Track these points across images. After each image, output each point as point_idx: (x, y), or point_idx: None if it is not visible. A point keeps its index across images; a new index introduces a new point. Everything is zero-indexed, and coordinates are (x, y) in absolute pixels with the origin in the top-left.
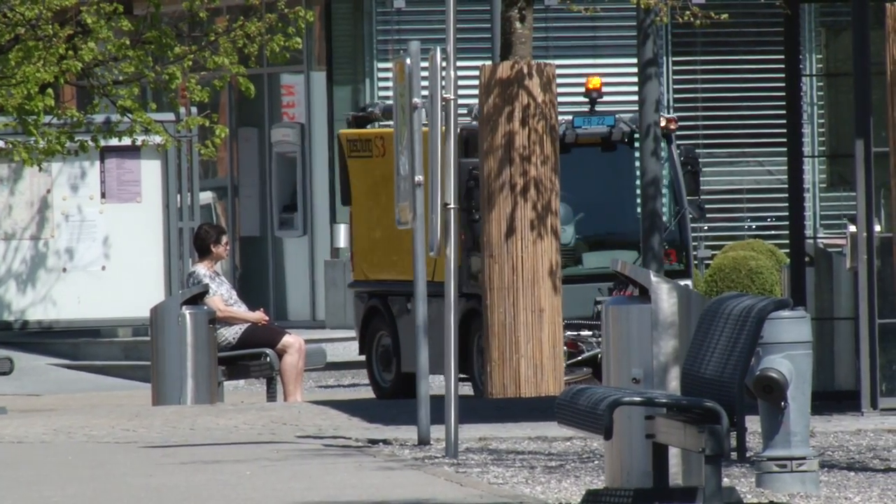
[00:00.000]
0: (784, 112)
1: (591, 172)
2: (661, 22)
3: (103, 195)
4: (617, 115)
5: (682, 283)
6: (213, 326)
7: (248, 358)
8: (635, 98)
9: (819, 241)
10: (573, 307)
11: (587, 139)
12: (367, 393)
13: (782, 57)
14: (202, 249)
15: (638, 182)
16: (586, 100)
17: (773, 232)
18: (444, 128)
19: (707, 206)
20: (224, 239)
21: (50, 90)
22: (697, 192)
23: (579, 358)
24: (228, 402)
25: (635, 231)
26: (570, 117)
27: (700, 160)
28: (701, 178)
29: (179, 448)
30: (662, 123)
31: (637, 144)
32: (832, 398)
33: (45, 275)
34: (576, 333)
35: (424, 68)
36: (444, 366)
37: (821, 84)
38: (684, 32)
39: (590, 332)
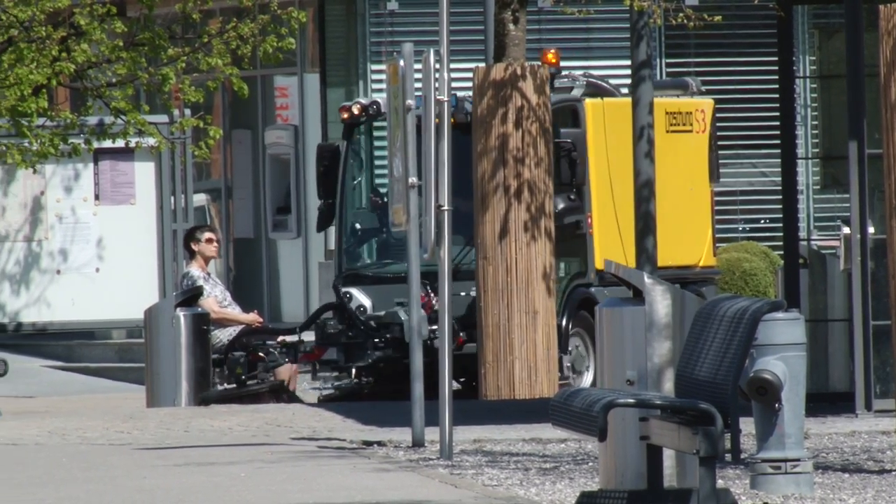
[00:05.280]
0: (778, 114)
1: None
2: (654, 24)
3: (97, 197)
4: (460, 96)
5: None
6: (207, 328)
7: None
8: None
9: (813, 242)
10: (380, 308)
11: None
12: None
13: (776, 59)
14: (188, 250)
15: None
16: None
17: (767, 234)
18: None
19: None
20: (205, 235)
21: (43, 92)
22: (572, 181)
23: (255, 372)
24: (222, 404)
25: None
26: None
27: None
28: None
29: (173, 450)
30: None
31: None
32: (826, 400)
33: (39, 276)
34: (263, 342)
35: (418, 70)
36: (439, 367)
37: (814, 86)
38: (678, 34)
39: (276, 341)
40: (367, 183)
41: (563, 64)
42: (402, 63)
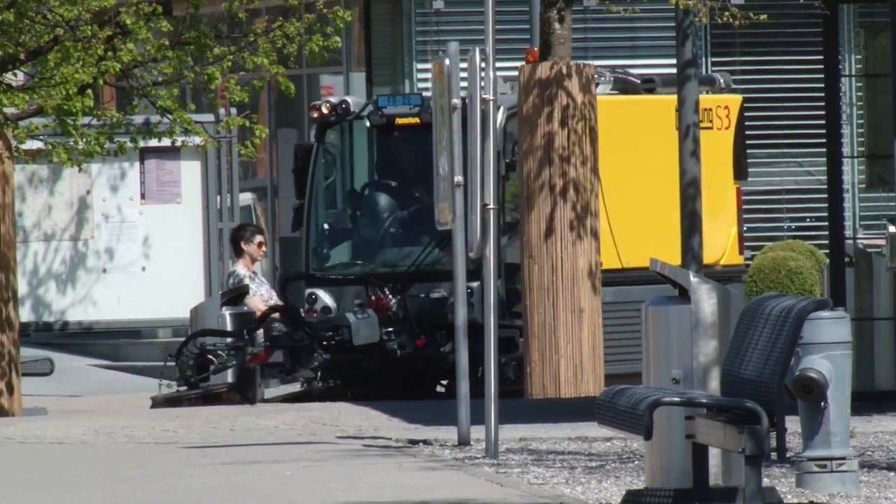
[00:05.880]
0: (823, 112)
1: (402, 158)
2: (700, 23)
3: (143, 196)
4: (424, 95)
5: (472, 285)
6: (252, 327)
7: None
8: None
9: (858, 241)
10: (344, 310)
11: (402, 121)
12: None
13: (821, 58)
14: (236, 248)
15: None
16: None
17: (812, 232)
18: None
19: (745, 207)
20: (257, 238)
21: (89, 91)
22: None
23: (206, 374)
24: (268, 403)
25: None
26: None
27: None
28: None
29: (219, 449)
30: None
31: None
32: (872, 398)
33: (85, 275)
34: (212, 344)
35: (463, 69)
36: (485, 365)
37: (860, 84)
38: (723, 33)
39: (225, 343)
40: (339, 183)
41: (608, 63)
42: (447, 62)
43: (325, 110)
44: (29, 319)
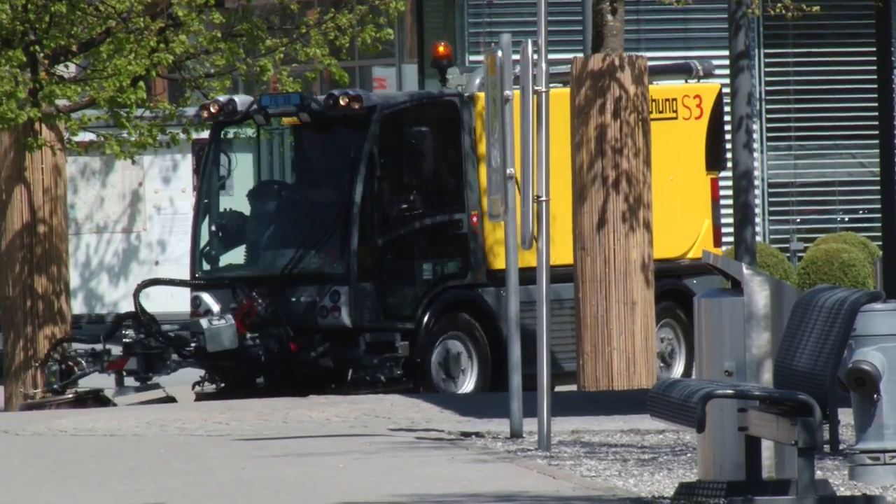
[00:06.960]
0: (876, 104)
1: (284, 158)
2: (752, 14)
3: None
4: (305, 94)
5: (340, 289)
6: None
7: None
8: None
9: None
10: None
11: (287, 121)
12: None
13: (874, 49)
14: None
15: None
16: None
17: (865, 224)
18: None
19: (798, 199)
20: None
21: (141, 83)
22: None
23: (70, 380)
24: (320, 395)
25: (327, 226)
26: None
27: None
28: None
29: (272, 441)
30: (344, 102)
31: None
32: None
33: (137, 267)
34: (74, 351)
35: (516, 61)
36: (537, 358)
37: None
38: (776, 24)
39: (84, 350)
40: (226, 184)
41: (660, 55)
42: (500, 54)
43: (213, 110)
44: (81, 311)
